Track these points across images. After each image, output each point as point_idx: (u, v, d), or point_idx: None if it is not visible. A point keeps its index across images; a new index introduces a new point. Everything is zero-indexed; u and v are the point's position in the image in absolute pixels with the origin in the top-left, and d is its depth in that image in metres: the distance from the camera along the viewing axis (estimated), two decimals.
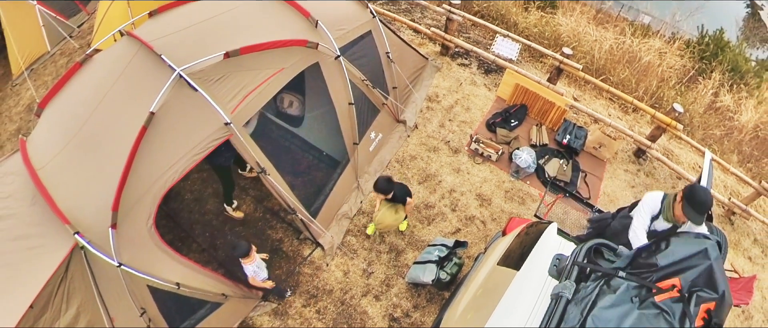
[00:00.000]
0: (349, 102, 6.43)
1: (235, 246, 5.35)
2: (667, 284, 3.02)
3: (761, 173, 10.14)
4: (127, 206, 4.55)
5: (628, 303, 2.97)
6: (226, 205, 6.81)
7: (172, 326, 5.22)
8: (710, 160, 4.97)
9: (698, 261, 3.06)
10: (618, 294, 3.00)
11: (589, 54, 10.63)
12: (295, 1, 6.16)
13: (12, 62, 10.58)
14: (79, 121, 4.95)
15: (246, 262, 5.43)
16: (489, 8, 11.41)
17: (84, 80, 5.41)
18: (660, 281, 3.04)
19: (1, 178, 5.05)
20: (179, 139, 4.86)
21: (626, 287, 3.05)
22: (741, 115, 13.07)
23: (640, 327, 2.82)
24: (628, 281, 3.06)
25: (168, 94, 4.79)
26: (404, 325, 6.01)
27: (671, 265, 3.08)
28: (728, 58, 15.15)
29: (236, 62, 5.23)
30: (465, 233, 6.86)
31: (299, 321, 6.03)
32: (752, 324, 6.92)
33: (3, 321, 4.16)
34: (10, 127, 9.88)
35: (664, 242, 3.32)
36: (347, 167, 6.82)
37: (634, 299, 2.99)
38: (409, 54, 8.08)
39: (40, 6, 10.74)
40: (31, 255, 4.43)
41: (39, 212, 4.56)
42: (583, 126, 8.18)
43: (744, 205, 7.84)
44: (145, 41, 5.10)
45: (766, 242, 8.07)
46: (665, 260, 3.12)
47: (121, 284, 4.60)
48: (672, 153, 8.85)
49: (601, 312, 2.91)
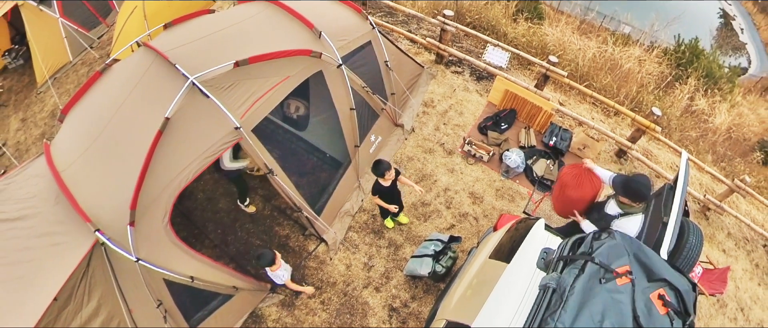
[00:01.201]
0: (351, 107, 6.43)
1: (260, 256, 5.12)
2: (623, 269, 3.13)
3: (734, 172, 10.16)
4: (145, 205, 4.55)
5: (595, 285, 3.08)
6: (239, 202, 6.89)
7: (186, 317, 5.22)
8: (686, 159, 4.97)
9: None
10: (587, 275, 3.14)
11: (573, 62, 10.66)
12: (300, 14, 6.17)
13: (37, 72, 10.58)
14: (99, 126, 4.96)
15: (273, 269, 5.28)
16: (480, 19, 11.42)
17: (104, 88, 5.42)
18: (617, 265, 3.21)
19: (27, 179, 5.05)
20: (192, 143, 4.86)
21: (596, 270, 3.15)
22: (715, 118, 13.12)
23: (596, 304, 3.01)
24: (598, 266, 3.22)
25: (182, 100, 4.79)
26: (403, 315, 6.02)
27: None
28: (703, 64, 15.20)
29: (245, 71, 5.24)
30: (459, 228, 6.87)
31: (305, 311, 6.03)
32: (726, 312, 6.94)
33: (29, 313, 4.16)
34: (35, 132, 9.89)
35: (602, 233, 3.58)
36: (349, 168, 6.82)
37: (602, 280, 3.09)
38: (406, 62, 8.08)
39: (63, 19, 10.78)
40: (55, 251, 4.43)
41: (62, 211, 4.56)
42: (568, 129, 8.19)
43: (718, 201, 7.85)
44: (160, 51, 5.11)
45: (738, 236, 8.08)
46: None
47: (138, 277, 4.61)
48: (651, 153, 8.86)
49: (574, 290, 3.06)
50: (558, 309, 3.00)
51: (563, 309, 2.97)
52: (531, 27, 12.10)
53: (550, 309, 3.07)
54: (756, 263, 7.85)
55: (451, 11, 8.92)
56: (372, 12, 10.96)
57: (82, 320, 4.49)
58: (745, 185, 7.42)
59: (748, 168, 11.32)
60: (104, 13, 11.93)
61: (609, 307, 2.99)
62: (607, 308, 2.98)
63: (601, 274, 3.16)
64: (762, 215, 9.05)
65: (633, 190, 4.59)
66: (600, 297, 3.03)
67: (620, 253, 3.31)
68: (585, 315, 2.93)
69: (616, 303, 3.02)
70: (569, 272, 3.20)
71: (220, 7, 12.18)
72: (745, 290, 7.33)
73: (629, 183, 4.62)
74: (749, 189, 7.46)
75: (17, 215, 4.73)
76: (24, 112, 10.55)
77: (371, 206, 6.98)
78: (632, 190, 4.59)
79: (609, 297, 3.03)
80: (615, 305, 3.01)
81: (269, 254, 5.13)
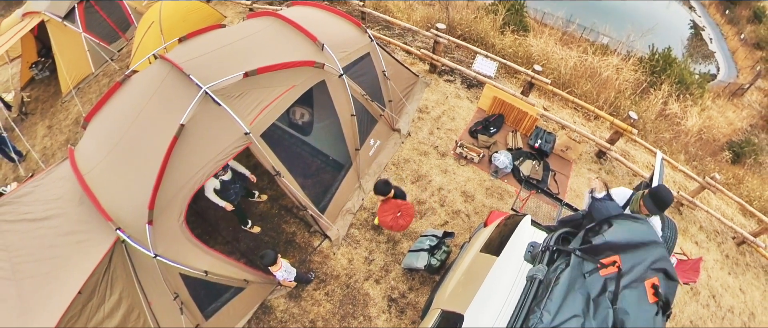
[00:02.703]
0: (351, 114, 6.43)
1: (263, 256, 5.32)
2: (609, 261, 3.09)
3: (705, 170, 10.19)
4: (162, 205, 4.54)
5: (579, 276, 3.04)
6: (243, 227, 6.71)
7: (201, 308, 5.22)
8: (661, 159, 4.98)
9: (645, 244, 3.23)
10: (571, 267, 3.07)
11: (556, 70, 10.67)
12: (304, 28, 6.17)
13: (62, 82, 10.58)
14: (119, 133, 4.96)
15: (274, 270, 5.41)
16: (470, 32, 11.43)
17: (123, 97, 5.41)
18: (605, 258, 3.13)
19: (53, 182, 5.05)
20: (205, 147, 4.86)
21: (579, 262, 3.12)
22: (687, 121, 13.16)
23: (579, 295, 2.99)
24: (581, 258, 3.15)
25: (196, 108, 4.79)
26: (401, 305, 6.01)
27: (607, 244, 3.21)
28: (675, 72, 15.27)
29: (254, 81, 5.24)
30: (452, 224, 6.86)
31: (310, 302, 6.02)
32: (699, 299, 6.94)
33: (56, 305, 4.16)
34: (61, 138, 9.88)
35: (606, 223, 3.42)
36: (350, 170, 6.82)
37: (586, 275, 3.05)
38: (402, 72, 8.09)
39: (85, 34, 10.77)
40: (79, 248, 4.43)
41: (86, 211, 4.55)
42: (552, 132, 8.19)
43: (690, 197, 7.86)
44: (175, 63, 5.11)
45: (710, 229, 8.09)
46: (601, 239, 3.27)
47: (157, 272, 4.60)
48: (628, 154, 8.87)
49: (560, 281, 3.05)
50: (544, 298, 3.00)
51: (549, 299, 2.97)
52: (517, 38, 12.12)
53: (537, 298, 3.07)
54: (726, 254, 7.86)
55: (443, 24, 8.94)
56: (370, 26, 10.96)
57: (105, 312, 4.49)
58: (716, 182, 7.43)
59: (717, 166, 11.37)
60: (124, 28, 11.93)
61: (588, 297, 2.98)
62: (588, 297, 2.98)
63: (584, 266, 3.15)
64: (731, 209, 9.07)
65: (662, 199, 4.41)
66: (582, 287, 3.02)
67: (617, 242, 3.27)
68: (568, 304, 2.93)
69: (596, 293, 3.00)
70: (556, 265, 3.20)
71: (231, 21, 12.19)
72: (716, 279, 7.33)
73: (659, 194, 4.43)
74: (719, 186, 7.47)
75: (44, 215, 4.73)
76: (50, 120, 10.53)
77: (371, 204, 6.97)
78: (662, 199, 4.41)
79: (590, 287, 3.02)
80: (594, 294, 3.00)
81: (271, 255, 5.28)
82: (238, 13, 13.13)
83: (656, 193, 4.43)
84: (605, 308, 2.95)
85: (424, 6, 14.81)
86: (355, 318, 5.89)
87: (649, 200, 4.44)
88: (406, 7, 13.80)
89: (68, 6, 10.65)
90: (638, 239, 3.33)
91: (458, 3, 13.73)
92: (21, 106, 11.09)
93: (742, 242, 8.03)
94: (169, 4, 10.31)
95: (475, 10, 13.92)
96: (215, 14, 11.38)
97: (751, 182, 11.09)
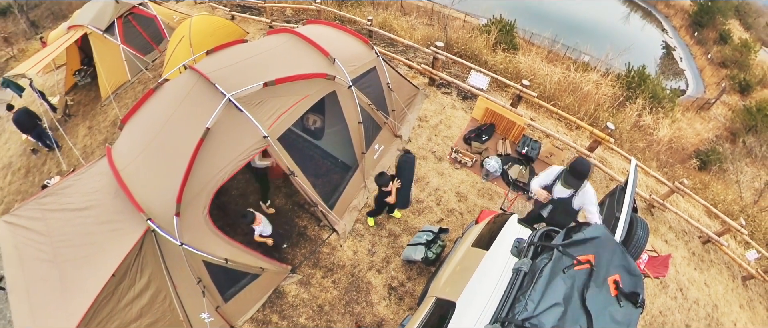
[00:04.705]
0: (359, 121, 6.43)
1: (245, 215, 5.45)
2: (585, 258, 3.10)
3: (674, 176, 10.13)
4: (188, 199, 4.55)
5: (559, 271, 3.04)
6: (262, 202, 6.83)
7: (221, 292, 5.23)
8: (635, 165, 4.94)
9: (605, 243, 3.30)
10: (553, 262, 3.10)
11: (542, 85, 10.63)
12: (318, 43, 6.18)
13: (101, 88, 10.64)
14: (152, 134, 4.97)
15: (255, 225, 5.56)
16: (466, 50, 11.41)
17: (156, 102, 5.43)
18: (581, 254, 3.13)
19: (92, 176, 5.07)
20: (228, 148, 4.87)
21: (559, 257, 3.12)
22: (659, 132, 13.13)
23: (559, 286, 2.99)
24: (562, 254, 3.17)
25: (220, 114, 4.80)
26: (400, 292, 5.99)
27: (580, 240, 3.26)
28: (649, 87, 15.26)
29: (272, 90, 5.25)
30: (447, 221, 6.84)
31: (319, 289, 6.01)
32: (668, 292, 6.89)
33: (92, 285, 4.17)
34: (99, 138, 9.92)
35: (581, 227, 3.47)
36: (357, 171, 6.81)
37: (565, 270, 3.05)
38: (404, 84, 8.08)
39: (123, 46, 10.84)
40: (114, 236, 4.44)
41: (120, 202, 4.57)
42: (537, 140, 8.16)
43: (661, 200, 7.82)
44: (203, 73, 5.13)
45: (678, 229, 8.04)
46: (578, 236, 3.31)
47: (182, 259, 4.61)
48: (606, 160, 8.84)
49: (543, 273, 3.05)
50: (528, 289, 2.99)
51: (533, 289, 2.96)
52: (507, 56, 12.10)
53: (522, 289, 3.06)
54: (692, 251, 7.81)
55: (441, 43, 8.94)
56: (377, 43, 10.98)
57: (135, 293, 4.51)
58: (684, 186, 7.39)
59: (686, 173, 11.30)
60: (157, 41, 11.99)
61: (566, 288, 2.98)
62: (565, 289, 2.97)
63: (565, 261, 3.14)
64: (697, 211, 9.01)
65: (577, 170, 4.58)
66: (561, 280, 3.01)
67: (590, 244, 3.27)
68: (549, 294, 2.92)
69: (572, 285, 3.01)
70: (541, 259, 3.19)
71: (253, 37, 12.23)
72: (683, 274, 7.28)
73: (574, 166, 4.61)
74: (687, 190, 7.43)
75: (83, 206, 4.76)
76: (90, 121, 10.58)
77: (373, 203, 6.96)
78: (577, 170, 4.58)
79: (567, 280, 3.02)
80: (570, 286, 3.00)
81: (251, 215, 5.44)
82: (259, 29, 13.18)
83: (573, 165, 4.61)
84: (576, 299, 2.96)
85: (425, 26, 14.84)
86: (358, 304, 5.88)
87: (568, 173, 4.64)
88: (409, 26, 13.82)
89: (109, 20, 10.73)
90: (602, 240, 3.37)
91: (455, 23, 13.73)
92: (65, 109, 11.15)
93: (707, 240, 7.98)
94: (198, 20, 10.36)
95: (470, 30, 13.93)
96: (239, 30, 11.42)
97: (715, 187, 11.04)
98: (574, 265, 3.10)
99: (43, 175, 9.52)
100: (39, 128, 9.71)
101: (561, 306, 2.88)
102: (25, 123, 9.44)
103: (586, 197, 4.74)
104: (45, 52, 10.21)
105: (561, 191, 4.93)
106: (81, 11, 11.63)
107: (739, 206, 10.30)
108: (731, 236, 8.65)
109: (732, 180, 14.27)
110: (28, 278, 4.39)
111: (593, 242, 3.25)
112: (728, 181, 13.99)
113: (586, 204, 4.76)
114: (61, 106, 11.38)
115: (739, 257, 8.00)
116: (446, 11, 21.05)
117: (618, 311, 3.04)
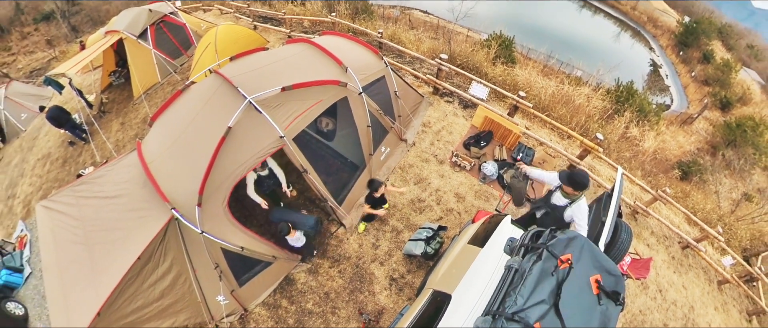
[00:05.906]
0: (367, 125, 6.43)
1: (281, 228, 5.33)
2: (566, 257, 3.09)
3: (658, 184, 10.03)
4: (209, 192, 4.58)
5: (549, 271, 3.04)
6: (285, 188, 6.70)
7: (236, 277, 5.25)
8: (621, 174, 4.91)
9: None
10: (542, 260, 3.09)
11: (537, 96, 10.58)
12: (332, 53, 6.19)
13: (134, 89, 10.75)
14: (178, 131, 5.01)
15: (289, 237, 5.49)
16: (467, 62, 11.37)
17: (183, 103, 5.47)
18: (563, 254, 3.14)
19: (123, 167, 5.12)
20: (247, 146, 4.89)
21: (548, 257, 3.11)
22: (644, 143, 13.01)
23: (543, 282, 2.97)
24: (551, 254, 3.17)
25: (241, 114, 4.83)
26: (400, 284, 5.98)
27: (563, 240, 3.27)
28: (636, 102, 15.15)
29: (289, 94, 5.27)
30: (446, 220, 6.82)
31: (326, 277, 6.02)
32: (648, 293, 6.82)
33: (119, 267, 4.21)
34: (130, 133, 10.01)
35: (561, 229, 3.49)
36: (364, 171, 6.81)
37: (553, 272, 3.03)
38: (410, 93, 8.08)
39: (155, 50, 10.92)
40: (141, 223, 4.48)
41: (148, 192, 4.61)
42: (532, 147, 8.12)
43: (645, 207, 7.74)
44: (226, 77, 5.16)
45: (660, 234, 7.95)
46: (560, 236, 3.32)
47: (202, 246, 4.64)
48: (595, 168, 8.77)
49: (532, 271, 3.03)
50: (519, 285, 2.97)
51: (522, 285, 2.95)
52: (506, 69, 12.03)
53: (512, 285, 3.04)
54: (672, 255, 7.72)
55: (445, 55, 8.92)
56: (386, 54, 10.97)
57: (158, 275, 4.54)
58: (666, 195, 7.31)
59: (668, 182, 11.20)
60: (186, 47, 12.07)
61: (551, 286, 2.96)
62: (551, 288, 2.95)
63: (550, 260, 3.12)
64: (678, 218, 8.92)
65: (577, 181, 4.54)
66: (548, 278, 3.00)
67: (569, 245, 3.24)
68: (537, 291, 2.91)
69: (556, 283, 2.98)
70: (529, 258, 3.17)
71: (273, 45, 12.28)
72: (663, 276, 7.20)
73: (574, 176, 4.57)
74: (669, 198, 7.35)
75: (114, 194, 4.80)
76: (123, 118, 10.67)
77: None
78: (576, 181, 4.55)
79: (552, 278, 3.00)
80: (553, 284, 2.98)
81: (286, 228, 5.33)
82: (279, 39, 13.23)
83: (573, 175, 4.59)
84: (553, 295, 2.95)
85: (431, 39, 14.81)
86: (361, 293, 5.88)
87: (567, 181, 4.63)
88: (416, 39, 13.81)
89: (142, 27, 10.83)
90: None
91: (459, 37, 13.70)
92: (100, 106, 11.25)
93: (686, 246, 7.88)
94: (223, 29, 10.42)
95: (473, 44, 13.87)
96: (260, 39, 11.47)
97: (696, 196, 10.93)
98: (559, 265, 3.08)
99: (79, 165, 9.62)
100: (71, 122, 9.95)
101: (547, 303, 2.87)
102: (59, 119, 9.65)
103: (579, 210, 4.66)
104: (84, 54, 10.32)
105: (559, 199, 4.87)
106: (117, 18, 11.76)
107: (717, 215, 10.20)
108: (709, 243, 8.54)
109: (711, 190, 14.12)
110: (61, 258, 4.44)
111: (571, 242, 3.24)
112: (708, 191, 13.84)
113: (577, 217, 4.68)
114: (97, 103, 11.49)
115: (716, 262, 7.90)
116: (451, 26, 21.02)
117: (596, 308, 3.00)
